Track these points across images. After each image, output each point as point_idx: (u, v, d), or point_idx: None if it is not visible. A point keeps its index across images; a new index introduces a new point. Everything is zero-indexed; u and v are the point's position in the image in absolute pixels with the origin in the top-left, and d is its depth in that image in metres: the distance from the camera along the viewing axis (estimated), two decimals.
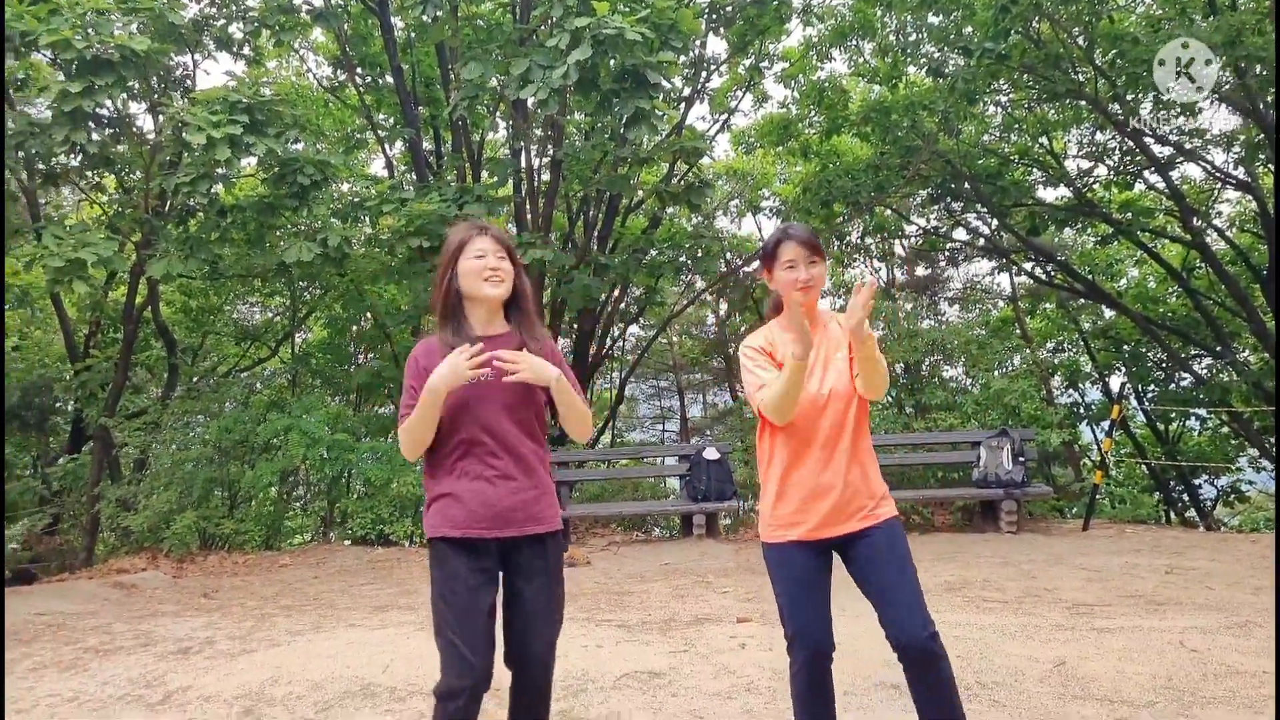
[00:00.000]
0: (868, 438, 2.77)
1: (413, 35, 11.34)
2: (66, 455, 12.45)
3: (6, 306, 13.39)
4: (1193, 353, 13.42)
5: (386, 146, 12.38)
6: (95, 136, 8.21)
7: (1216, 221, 12.95)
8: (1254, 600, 5.11)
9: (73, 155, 8.34)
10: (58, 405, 13.67)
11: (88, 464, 10.92)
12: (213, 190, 8.26)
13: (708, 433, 17.24)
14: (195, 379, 13.13)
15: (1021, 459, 8.13)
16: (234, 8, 9.76)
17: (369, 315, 13.50)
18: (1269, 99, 9.02)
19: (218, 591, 7.44)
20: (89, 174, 9.61)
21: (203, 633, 5.57)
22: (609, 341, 15.33)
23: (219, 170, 7.98)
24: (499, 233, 2.69)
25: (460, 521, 2.56)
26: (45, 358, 13.75)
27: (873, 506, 2.69)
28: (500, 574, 2.63)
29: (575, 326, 13.41)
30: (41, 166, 8.72)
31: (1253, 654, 4.03)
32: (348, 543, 10.29)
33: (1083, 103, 10.80)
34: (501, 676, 2.65)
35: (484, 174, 11.76)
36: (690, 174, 11.17)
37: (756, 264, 14.60)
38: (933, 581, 5.95)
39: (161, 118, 8.92)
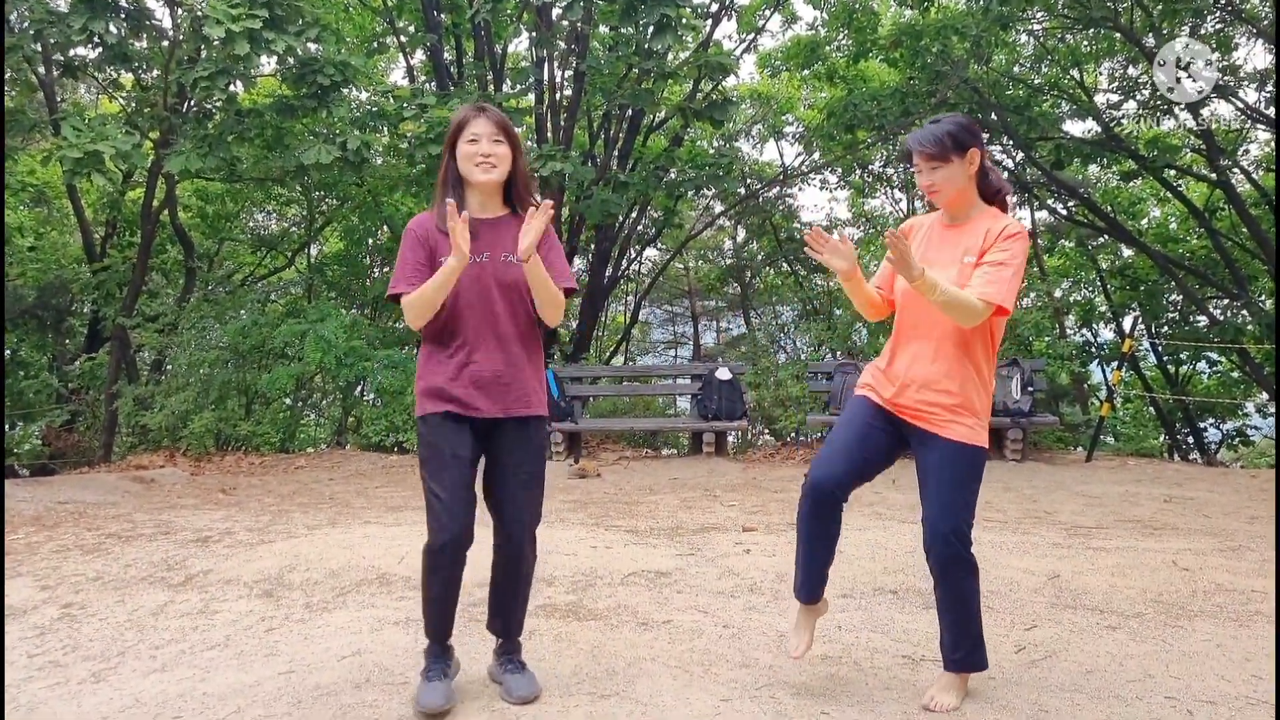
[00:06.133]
0: (977, 352, 2.66)
1: None
2: (84, 355, 12.61)
3: (23, 206, 13.42)
4: (1209, 294, 13.32)
5: (407, 54, 12.19)
6: (113, 28, 8.11)
7: (1243, 162, 12.72)
8: (1249, 528, 5.20)
9: (91, 47, 8.25)
10: (74, 307, 13.80)
11: (105, 364, 11.05)
12: (231, 87, 8.19)
13: (720, 359, 17.30)
14: (211, 286, 13.20)
15: (1030, 389, 8.17)
16: None
17: (385, 229, 13.47)
18: None
19: (235, 488, 7.63)
20: (107, 69, 9.52)
21: (221, 524, 5.73)
22: (625, 263, 15.28)
23: (238, 67, 7.90)
24: (496, 114, 2.71)
25: (447, 399, 2.69)
26: (62, 259, 13.81)
27: (946, 418, 2.64)
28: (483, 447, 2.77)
29: (593, 247, 13.37)
30: (59, 58, 8.65)
31: (1243, 574, 4.12)
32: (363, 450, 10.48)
33: (1117, 35, 10.52)
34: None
35: (505, 84, 11.60)
36: (714, 92, 10.99)
37: (776, 189, 14.63)
38: None
39: (180, 10, 8.81)
